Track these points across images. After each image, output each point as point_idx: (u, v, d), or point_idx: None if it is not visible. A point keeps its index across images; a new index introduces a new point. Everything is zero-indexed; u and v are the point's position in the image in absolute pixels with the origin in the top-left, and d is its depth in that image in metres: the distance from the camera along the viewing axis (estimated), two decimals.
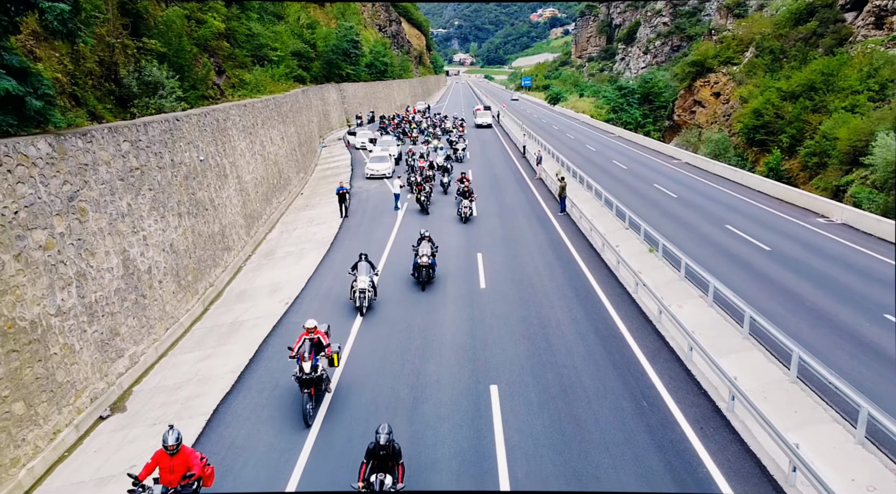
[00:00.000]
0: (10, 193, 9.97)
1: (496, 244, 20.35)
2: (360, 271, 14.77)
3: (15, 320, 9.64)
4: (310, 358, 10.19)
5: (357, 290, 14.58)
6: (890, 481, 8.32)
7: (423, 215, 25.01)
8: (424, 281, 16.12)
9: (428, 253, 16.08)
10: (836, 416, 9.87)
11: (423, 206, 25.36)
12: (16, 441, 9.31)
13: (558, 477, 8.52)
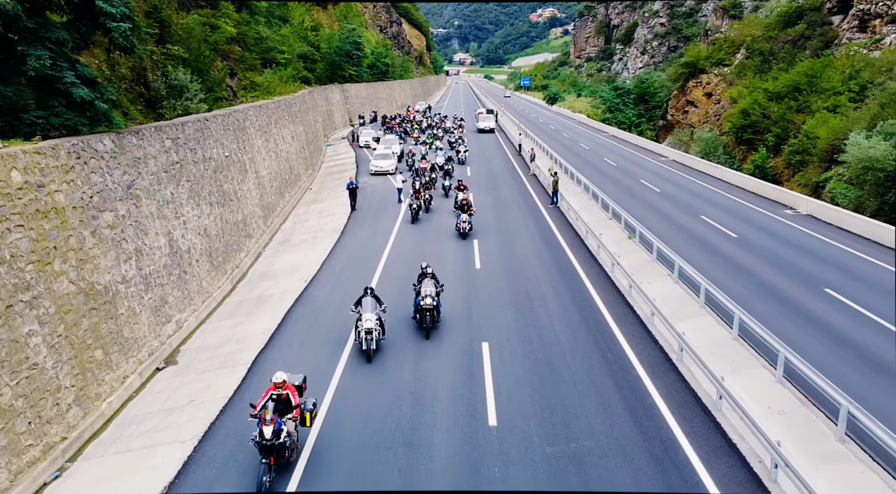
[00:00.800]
0: (87, 181, 12.15)
1: (491, 232, 22.52)
2: (366, 307, 12.71)
3: (93, 284, 11.83)
4: (272, 421, 8.57)
5: (363, 330, 12.51)
6: (797, 406, 10.49)
7: (418, 226, 23.97)
8: (429, 327, 13.65)
9: (432, 293, 13.67)
10: (765, 364, 12.03)
11: (415, 215, 24.48)
12: (98, 381, 11.50)
13: (534, 407, 10.70)
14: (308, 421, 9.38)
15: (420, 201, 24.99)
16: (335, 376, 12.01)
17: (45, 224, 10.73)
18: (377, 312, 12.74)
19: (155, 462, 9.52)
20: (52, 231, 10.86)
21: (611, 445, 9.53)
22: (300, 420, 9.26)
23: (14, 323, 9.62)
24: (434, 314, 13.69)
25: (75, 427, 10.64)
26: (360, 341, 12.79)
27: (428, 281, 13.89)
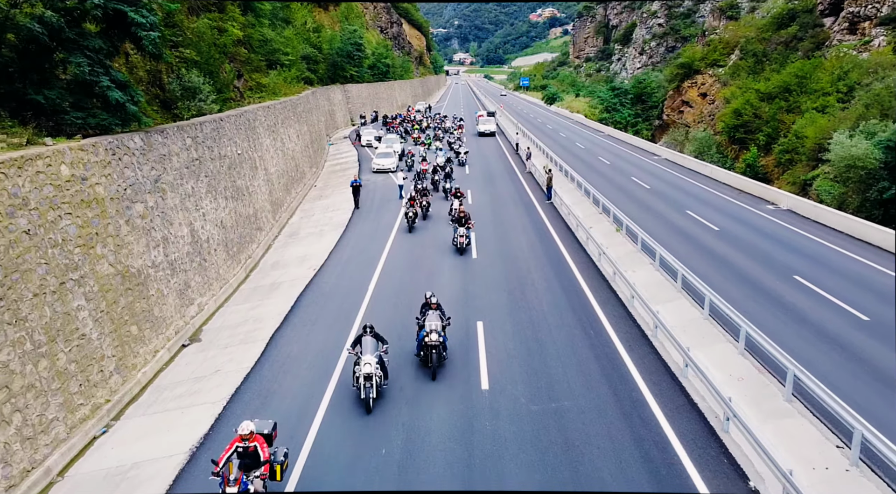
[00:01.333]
0: (121, 175, 13.55)
1: (487, 226, 23.90)
2: (366, 348, 11.05)
3: (128, 267, 13.22)
4: (237, 481, 7.73)
5: (362, 375, 10.66)
6: (754, 374, 11.86)
7: (415, 235, 23.09)
8: (435, 367, 11.93)
9: (438, 328, 11.98)
10: (731, 339, 13.40)
11: (411, 223, 23.26)
12: (133, 353, 12.88)
13: (521, 374, 12.08)
14: (279, 475, 8.32)
15: (416, 208, 23.60)
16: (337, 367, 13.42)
17: (89, 213, 12.12)
18: (378, 353, 10.94)
19: (190, 419, 10.91)
20: (94, 219, 12.25)
21: (587, 404, 10.91)
22: (270, 475, 8.17)
23: (66, 298, 11.01)
24: (440, 350, 11.97)
25: (116, 392, 12.03)
26: (357, 387, 10.89)
27: (433, 314, 12.24)
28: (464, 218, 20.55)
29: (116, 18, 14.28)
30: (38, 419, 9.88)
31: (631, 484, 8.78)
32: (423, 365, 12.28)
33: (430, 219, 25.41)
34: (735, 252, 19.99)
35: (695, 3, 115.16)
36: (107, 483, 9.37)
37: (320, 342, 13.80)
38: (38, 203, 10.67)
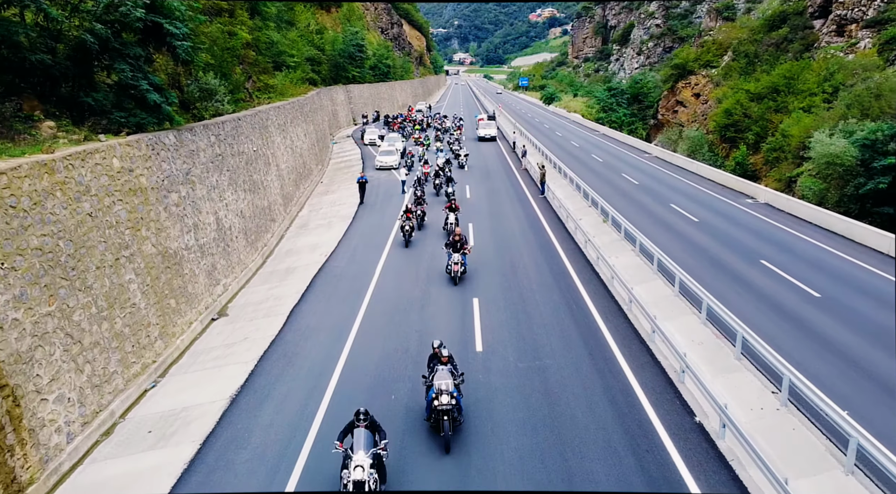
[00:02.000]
0: (159, 167, 15.40)
1: (484, 217, 25.74)
2: (357, 442, 8.51)
3: (167, 248, 15.07)
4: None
5: (351, 481, 8.19)
6: (712, 339, 13.69)
7: (410, 250, 21.60)
8: (448, 437, 9.79)
9: (450, 387, 9.93)
10: (696, 312, 15.24)
11: (408, 237, 21.61)
12: (172, 323, 14.75)
13: (511, 339, 13.93)
14: None
15: (413, 220, 22.04)
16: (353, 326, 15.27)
17: (135, 200, 13.97)
18: (374, 451, 8.44)
19: (227, 375, 12.77)
20: (139, 205, 14.11)
21: (566, 362, 12.77)
22: None
23: (120, 272, 12.86)
24: (455, 414, 9.97)
25: (160, 355, 13.88)
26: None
27: (443, 371, 10.18)
28: (458, 242, 17.36)
29: (153, 29, 16.12)
30: (103, 371, 11.73)
31: (597, 420, 10.62)
32: (435, 431, 10.12)
33: (424, 238, 22.92)
34: (711, 240, 21.84)
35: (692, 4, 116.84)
36: (163, 422, 11.23)
37: (335, 316, 15.66)
38: (97, 190, 12.51)
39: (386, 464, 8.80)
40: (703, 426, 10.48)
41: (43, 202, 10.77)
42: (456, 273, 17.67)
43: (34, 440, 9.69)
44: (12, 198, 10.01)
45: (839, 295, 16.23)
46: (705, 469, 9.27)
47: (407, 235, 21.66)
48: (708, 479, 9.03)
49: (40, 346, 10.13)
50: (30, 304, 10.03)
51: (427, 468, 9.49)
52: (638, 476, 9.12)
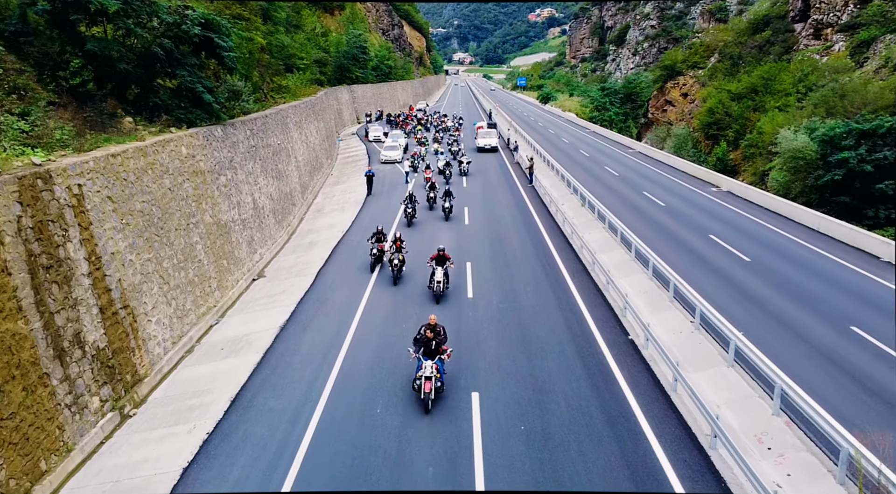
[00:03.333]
0: (212, 155, 19.03)
1: (478, 203, 29.38)
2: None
3: (219, 219, 18.72)
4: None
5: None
6: (655, 289, 17.31)
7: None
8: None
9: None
10: (646, 270, 18.86)
11: (396, 274, 18.40)
12: (225, 279, 18.40)
13: (496, 290, 17.55)
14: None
15: (401, 254, 18.44)
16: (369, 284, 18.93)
17: (197, 179, 17.61)
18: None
19: (274, 314, 16.42)
20: (200, 184, 17.75)
21: (537, 304, 16.41)
22: None
23: (190, 234, 16.51)
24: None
25: (219, 301, 17.53)
26: None
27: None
28: (434, 340, 11.89)
29: (205, 42, 19.75)
30: (183, 307, 15.39)
31: (556, 338, 14.26)
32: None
33: None
34: (671, 220, 25.49)
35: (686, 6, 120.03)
36: (231, 343, 14.87)
37: (354, 274, 19.32)
38: (172, 170, 16.15)
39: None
40: (633, 342, 14.15)
41: (141, 177, 14.41)
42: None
43: (145, 347, 13.34)
44: (124, 172, 13.65)
45: (765, 260, 19.89)
46: (629, 367, 12.92)
47: (396, 270, 18.26)
48: (630, 371, 12.68)
49: (145, 282, 13.78)
50: (138, 251, 13.67)
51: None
52: (580, 370, 12.76)
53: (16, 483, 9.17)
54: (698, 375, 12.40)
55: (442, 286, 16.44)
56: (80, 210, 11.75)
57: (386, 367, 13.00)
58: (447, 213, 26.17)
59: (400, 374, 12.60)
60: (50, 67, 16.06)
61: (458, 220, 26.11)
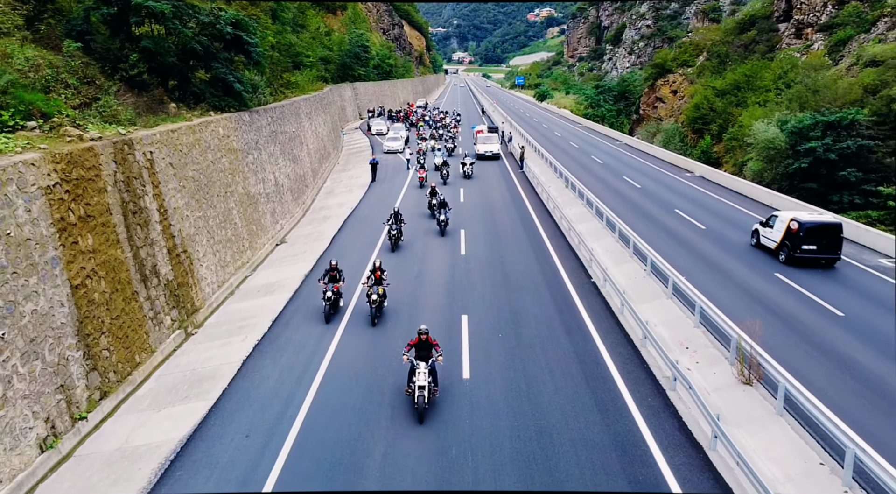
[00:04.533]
0: (242, 136, 22.20)
1: (473, 185, 32.55)
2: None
3: (249, 191, 21.88)
4: None
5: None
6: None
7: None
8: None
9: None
10: (614, 235, 22.00)
11: (374, 313, 14.91)
12: (254, 241, 21.56)
13: (484, 248, 20.69)
14: None
15: (381, 286, 15.07)
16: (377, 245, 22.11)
17: (231, 156, 20.77)
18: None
19: (298, 267, 19.58)
20: (234, 160, 20.92)
21: (519, 258, 19.60)
22: None
23: (227, 201, 19.66)
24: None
25: (251, 259, 20.70)
26: None
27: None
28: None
29: (235, 40, 22.87)
30: (224, 259, 18.55)
31: (532, 280, 17.42)
32: None
33: None
34: (644, 198, 28.67)
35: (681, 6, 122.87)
36: (265, 287, 18.03)
37: (363, 239, 22.50)
38: (213, 147, 19.31)
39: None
40: (595, 284, 17.34)
41: (191, 150, 17.57)
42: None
43: (199, 285, 16.51)
44: (180, 145, 16.82)
45: (719, 228, 23.07)
46: (588, 298, 16.11)
47: (373, 307, 14.89)
48: (588, 302, 15.86)
49: (197, 234, 16.95)
50: (191, 208, 16.84)
51: (434, 296, 16.63)
52: (549, 300, 15.93)
53: (122, 366, 12.33)
54: (643, 305, 15.54)
55: (426, 395, 10.67)
56: (152, 172, 14.92)
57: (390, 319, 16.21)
58: (443, 227, 22.84)
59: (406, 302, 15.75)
60: (111, 61, 19.20)
61: (457, 200, 29.24)
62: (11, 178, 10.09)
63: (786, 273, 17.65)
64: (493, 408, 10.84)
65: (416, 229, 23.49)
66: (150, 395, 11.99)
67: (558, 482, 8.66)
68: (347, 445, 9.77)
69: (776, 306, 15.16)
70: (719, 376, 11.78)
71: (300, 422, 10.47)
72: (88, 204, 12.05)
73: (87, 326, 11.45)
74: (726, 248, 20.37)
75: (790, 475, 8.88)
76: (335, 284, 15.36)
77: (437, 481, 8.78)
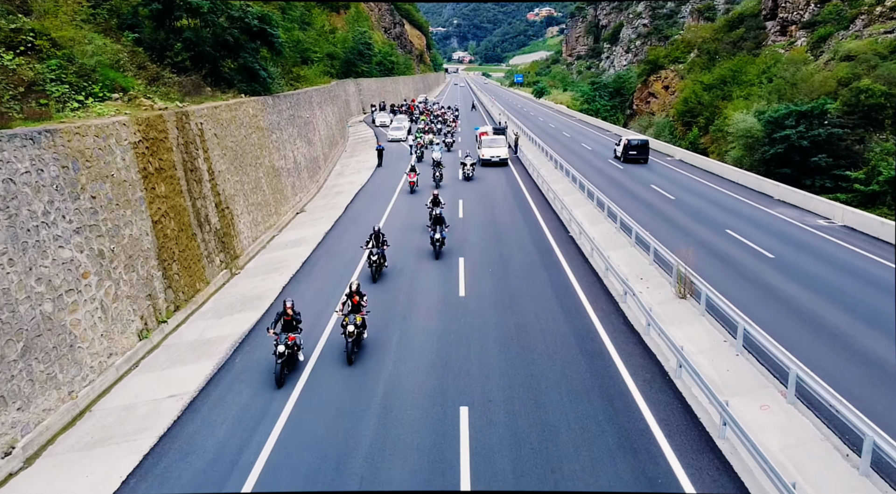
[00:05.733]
0: (267, 117, 25.31)
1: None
2: None
3: (273, 165, 25.00)
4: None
5: None
6: (613, 231, 23.50)
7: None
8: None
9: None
10: (596, 206, 25.07)
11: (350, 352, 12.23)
12: (279, 208, 24.67)
13: (480, 215, 23.77)
14: None
15: (359, 315, 12.45)
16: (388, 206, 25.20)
17: (259, 133, 23.88)
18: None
19: (318, 228, 22.70)
20: (261, 137, 24.02)
21: (512, 226, 22.70)
22: None
23: (257, 172, 22.77)
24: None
25: (276, 222, 23.80)
26: None
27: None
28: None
29: (261, 32, 25.96)
30: (255, 219, 21.65)
31: (518, 236, 20.49)
32: None
33: None
34: (625, 178, 31.77)
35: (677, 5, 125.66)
36: (292, 242, 21.14)
37: (374, 208, 25.65)
38: (245, 124, 22.40)
39: None
40: (573, 238, 20.45)
41: (229, 124, 20.67)
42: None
43: (238, 237, 19.61)
44: (221, 120, 19.92)
45: (686, 198, 26.18)
46: (566, 247, 19.22)
47: (350, 345, 12.28)
48: (565, 249, 18.97)
49: (235, 195, 20.05)
50: (231, 173, 19.94)
51: (426, 261, 19.49)
52: (532, 249, 19.03)
53: (187, 289, 15.44)
54: (610, 252, 18.58)
55: None
56: (202, 139, 18.03)
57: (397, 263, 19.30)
58: (438, 248, 18.70)
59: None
60: (157, 49, 22.29)
61: (456, 177, 32.31)
62: (112, 133, 13.19)
63: None
64: None
65: (406, 250, 19.41)
66: (211, 310, 15.11)
67: (528, 349, 11.76)
68: (371, 335, 12.88)
69: None
70: (662, 295, 14.89)
71: (331, 326, 13.57)
72: (161, 159, 15.16)
73: (164, 253, 14.56)
74: (692, 214, 23.49)
75: (701, 349, 11.98)
76: (290, 334, 11.57)
77: None
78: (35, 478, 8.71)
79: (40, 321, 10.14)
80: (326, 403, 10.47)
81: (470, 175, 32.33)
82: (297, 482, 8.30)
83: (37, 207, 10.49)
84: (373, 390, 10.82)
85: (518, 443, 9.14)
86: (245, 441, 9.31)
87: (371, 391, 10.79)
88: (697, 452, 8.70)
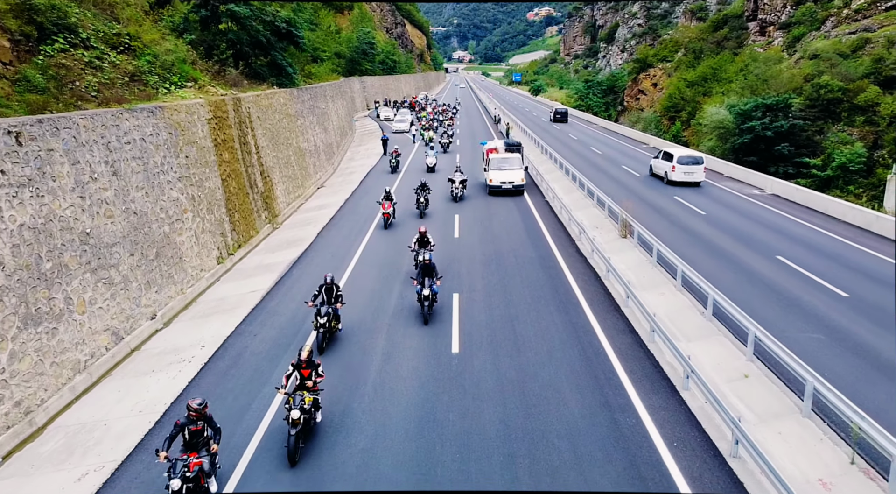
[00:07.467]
0: (293, 106, 29.84)
1: (467, 154, 40.15)
2: None
3: (300, 146, 29.53)
4: None
5: None
6: (597, 213, 27.99)
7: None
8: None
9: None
10: (576, 186, 29.56)
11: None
12: (304, 183, 29.20)
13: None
14: None
15: (310, 394, 9.54)
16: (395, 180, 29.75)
17: (288, 119, 28.41)
18: None
19: (338, 197, 27.22)
20: (290, 123, 28.55)
21: (507, 215, 27.18)
22: None
23: (286, 151, 27.29)
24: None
25: (303, 193, 28.32)
26: None
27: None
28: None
29: (288, 32, 30.46)
30: (287, 189, 26.18)
31: (514, 223, 24.98)
32: None
33: None
34: (604, 162, 36.34)
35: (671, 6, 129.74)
36: (318, 207, 25.67)
37: (382, 183, 30.10)
38: (278, 110, 26.92)
39: None
40: (561, 221, 24.93)
41: (267, 110, 25.19)
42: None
43: (277, 201, 24.15)
44: (262, 106, 24.44)
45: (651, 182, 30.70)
46: (554, 229, 23.69)
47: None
48: (554, 232, 23.45)
49: (273, 168, 24.58)
50: (269, 149, 24.47)
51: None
52: (523, 232, 23.52)
53: (244, 234, 19.97)
54: (578, 212, 23.17)
55: None
56: (250, 120, 22.56)
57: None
58: (427, 309, 13.71)
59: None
60: (205, 48, 26.82)
61: (453, 164, 36.79)
62: (195, 111, 17.73)
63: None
64: None
65: (377, 311, 14.25)
66: (264, 249, 19.69)
67: (509, 292, 16.30)
68: (387, 257, 17.41)
69: None
70: (610, 237, 19.50)
71: (357, 256, 18.08)
72: (224, 133, 19.70)
73: (229, 204, 19.11)
74: (653, 187, 28.00)
75: (629, 266, 16.53)
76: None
77: None
78: (174, 332, 13.27)
79: (164, 236, 14.70)
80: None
81: (459, 195, 27.19)
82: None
83: (157, 159, 15.04)
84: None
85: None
86: (309, 311, 13.85)
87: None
88: (606, 311, 13.38)
